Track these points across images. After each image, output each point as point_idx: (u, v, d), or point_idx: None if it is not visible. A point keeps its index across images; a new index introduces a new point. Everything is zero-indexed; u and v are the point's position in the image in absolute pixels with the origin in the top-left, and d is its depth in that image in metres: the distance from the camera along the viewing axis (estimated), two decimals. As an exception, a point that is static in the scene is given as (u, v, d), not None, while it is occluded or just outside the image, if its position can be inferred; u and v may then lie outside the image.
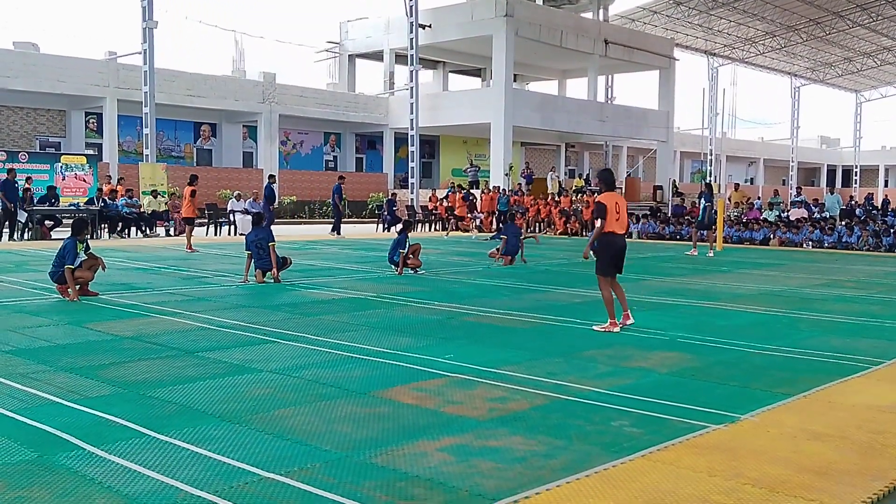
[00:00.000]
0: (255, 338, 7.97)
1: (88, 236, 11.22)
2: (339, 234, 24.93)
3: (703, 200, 19.70)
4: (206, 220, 25.80)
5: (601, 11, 41.35)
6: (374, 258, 17.00)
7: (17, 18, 76.21)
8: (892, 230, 23.20)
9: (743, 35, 48.30)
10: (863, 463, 4.53)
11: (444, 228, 30.27)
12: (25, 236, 21.01)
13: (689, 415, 5.37)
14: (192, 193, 18.38)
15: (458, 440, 4.78)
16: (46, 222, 21.48)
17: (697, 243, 19.68)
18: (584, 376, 6.46)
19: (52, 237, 20.79)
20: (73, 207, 22.08)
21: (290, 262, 13.15)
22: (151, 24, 26.40)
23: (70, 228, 10.89)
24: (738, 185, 35.00)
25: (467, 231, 28.82)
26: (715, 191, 20.15)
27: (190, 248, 17.99)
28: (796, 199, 31.56)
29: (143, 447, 4.56)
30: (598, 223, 8.56)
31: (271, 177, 26.54)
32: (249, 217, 25.24)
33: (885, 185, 66.04)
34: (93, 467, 4.22)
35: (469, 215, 30.02)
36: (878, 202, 38.93)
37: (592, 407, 5.57)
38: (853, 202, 37.08)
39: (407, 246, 14.24)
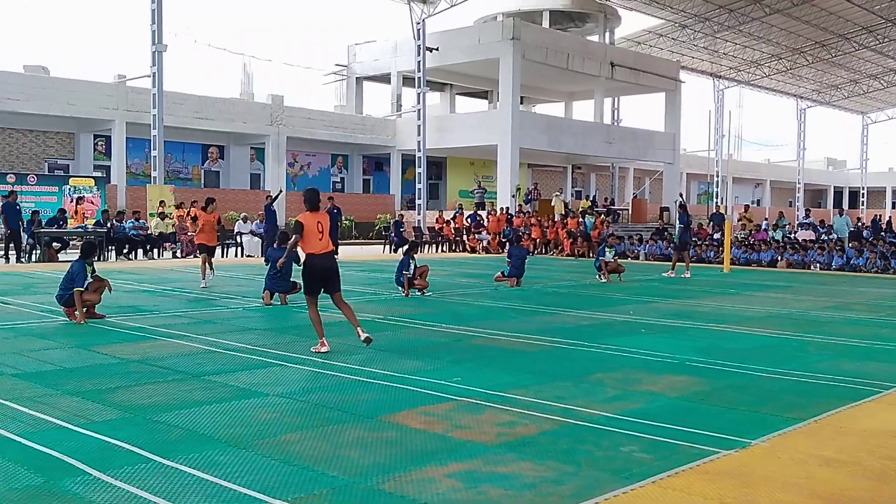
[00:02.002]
0: (261, 361, 7.95)
1: (96, 259, 11.24)
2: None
3: (678, 222, 19.95)
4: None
5: (607, 34, 41.57)
6: (380, 280, 16.99)
7: (27, 42, 76.96)
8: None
9: (748, 58, 48.42)
10: (875, 490, 4.48)
11: (451, 249, 30.30)
12: (33, 258, 21.06)
13: (699, 440, 5.32)
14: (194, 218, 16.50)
15: (467, 466, 4.73)
16: (54, 244, 21.54)
17: (676, 264, 19.77)
18: (594, 400, 6.42)
19: (60, 259, 20.83)
20: (80, 230, 22.14)
21: (300, 288, 13.10)
22: (161, 47, 26.61)
23: (79, 251, 10.91)
24: (747, 206, 34.94)
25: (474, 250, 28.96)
26: (723, 211, 20.23)
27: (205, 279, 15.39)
28: (805, 220, 31.51)
29: (150, 473, 4.53)
30: (292, 239, 8.70)
31: (268, 196, 26.29)
32: (257, 239, 25.44)
33: (893, 207, 65.87)
34: (99, 493, 4.19)
35: (476, 236, 30.07)
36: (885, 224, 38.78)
37: (602, 432, 5.53)
38: (861, 224, 36.97)
39: (413, 268, 14.23)
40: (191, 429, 5.47)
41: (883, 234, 31.21)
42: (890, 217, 47.53)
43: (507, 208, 31.98)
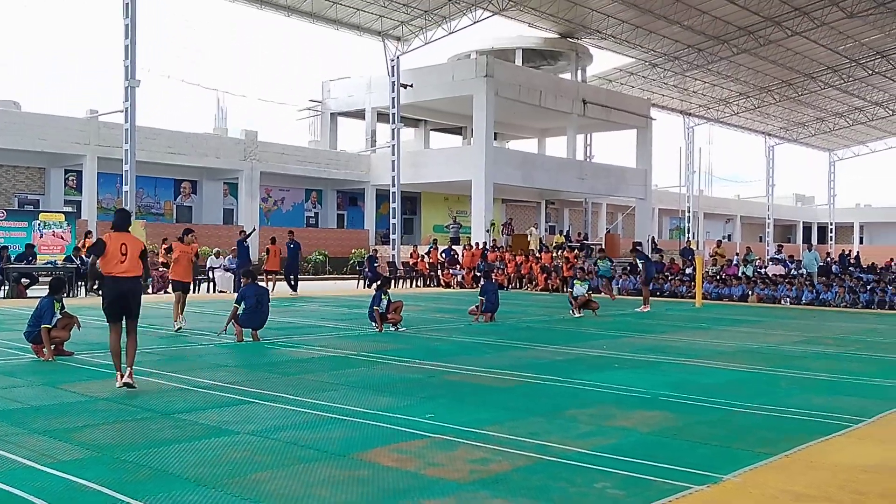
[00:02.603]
0: (232, 398, 7.86)
1: (65, 295, 11.08)
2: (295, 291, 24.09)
3: (639, 260, 20.52)
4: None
5: (579, 72, 42.14)
6: (354, 315, 16.92)
7: (-1, 76, 76.50)
8: (867, 287, 23.45)
9: (717, 96, 49.29)
10: (846, 524, 4.50)
11: (426, 284, 30.27)
12: (1, 295, 20.75)
13: (671, 475, 5.33)
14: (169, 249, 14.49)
15: (439, 504, 4.70)
16: (23, 280, 21.25)
17: (647, 298, 20.35)
18: (567, 436, 6.41)
19: (28, 295, 20.55)
20: (49, 265, 21.88)
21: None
22: (133, 83, 26.57)
23: (48, 287, 10.78)
24: (720, 241, 35.37)
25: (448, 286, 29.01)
26: (694, 248, 20.58)
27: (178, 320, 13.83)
28: (776, 255, 31.87)
29: (116, 513, 4.45)
30: (91, 259, 8.56)
31: (241, 231, 25.95)
32: (229, 275, 25.26)
33: (861, 242, 66.91)
34: (63, 535, 4.11)
35: (450, 271, 30.10)
36: (853, 259, 39.40)
37: (575, 468, 5.52)
38: (829, 259, 37.50)
39: (385, 303, 14.19)
40: (159, 468, 5.39)
41: (851, 268, 31.68)
42: (857, 252, 48.34)
43: (485, 243, 32.06)
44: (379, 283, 15.25)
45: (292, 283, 24.46)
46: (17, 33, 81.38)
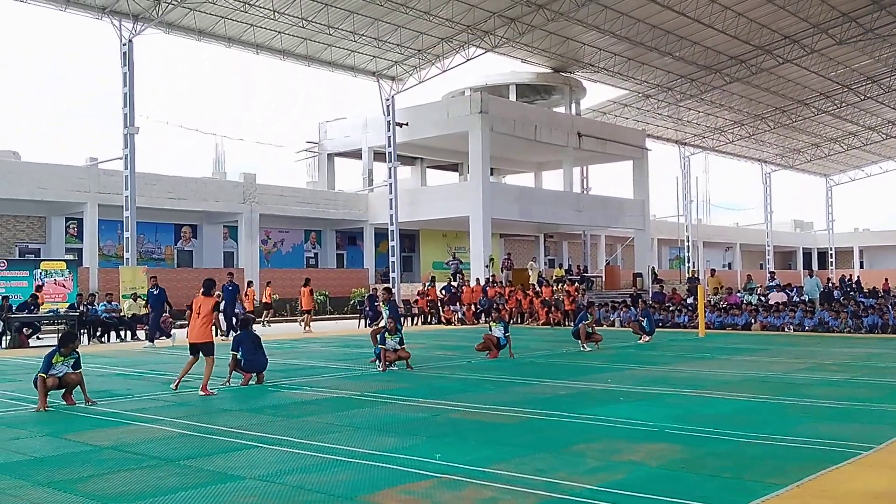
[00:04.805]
0: (237, 443, 7.81)
1: (77, 350, 10.81)
2: (226, 336, 21.28)
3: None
4: (186, 322, 25.35)
5: (573, 106, 42.45)
6: (356, 355, 16.86)
7: (-2, 127, 77.03)
8: (870, 310, 23.38)
9: (712, 125, 49.61)
10: (861, 554, 4.45)
11: (426, 322, 30.17)
12: (3, 345, 20.69)
13: (682, 510, 5.28)
14: (217, 307, 12.33)
15: (449, 545, 4.66)
16: (25, 330, 21.20)
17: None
18: (575, 472, 6.37)
19: (31, 345, 20.49)
20: (51, 314, 21.85)
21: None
22: (132, 130, 26.78)
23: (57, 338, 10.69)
24: (714, 270, 35.39)
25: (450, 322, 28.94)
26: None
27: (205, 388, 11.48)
28: (770, 283, 31.77)
29: (124, 565, 4.41)
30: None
31: (230, 274, 24.63)
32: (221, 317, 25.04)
33: (861, 267, 66.88)
34: (71, 589, 4.06)
35: (451, 307, 30.02)
36: (854, 284, 39.35)
37: (584, 505, 5.47)
38: (831, 284, 37.46)
39: (391, 342, 14.13)
40: (166, 517, 5.34)
41: (852, 293, 31.64)
42: (858, 276, 48.31)
43: (488, 279, 32.02)
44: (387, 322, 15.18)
45: (234, 324, 21.79)
46: (15, 83, 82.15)
